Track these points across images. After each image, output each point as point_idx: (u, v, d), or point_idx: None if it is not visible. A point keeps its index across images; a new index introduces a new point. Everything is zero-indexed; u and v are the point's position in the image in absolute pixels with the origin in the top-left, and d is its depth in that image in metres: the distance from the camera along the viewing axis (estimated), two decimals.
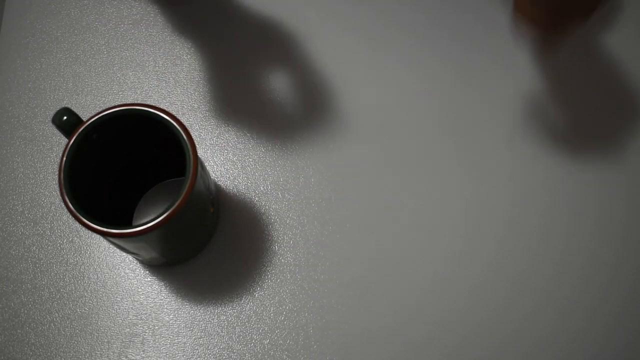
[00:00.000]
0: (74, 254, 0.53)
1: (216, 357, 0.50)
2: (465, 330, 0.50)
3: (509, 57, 0.57)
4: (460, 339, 0.50)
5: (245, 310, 0.51)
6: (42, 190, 0.54)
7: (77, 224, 0.53)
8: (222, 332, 0.50)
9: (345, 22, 0.58)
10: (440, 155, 0.54)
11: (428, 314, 0.51)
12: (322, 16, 0.59)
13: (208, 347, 0.50)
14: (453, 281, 0.51)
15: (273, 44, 0.58)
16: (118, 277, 0.52)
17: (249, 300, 0.51)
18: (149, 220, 0.42)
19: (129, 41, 0.58)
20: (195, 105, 0.56)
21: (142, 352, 0.50)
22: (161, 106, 0.56)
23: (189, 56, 0.58)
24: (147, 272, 0.52)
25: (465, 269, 0.52)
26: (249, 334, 0.50)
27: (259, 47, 0.58)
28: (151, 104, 0.54)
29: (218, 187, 0.54)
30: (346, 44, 0.58)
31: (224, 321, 0.51)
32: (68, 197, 0.42)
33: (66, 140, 0.55)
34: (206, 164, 0.55)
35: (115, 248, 0.53)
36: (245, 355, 0.50)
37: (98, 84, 0.57)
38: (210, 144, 0.55)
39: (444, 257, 0.52)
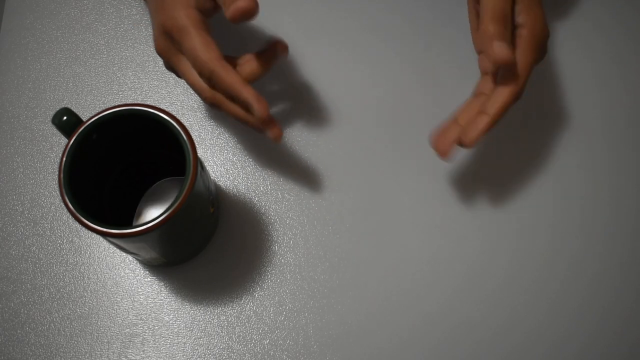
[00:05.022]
0: (74, 254, 0.53)
1: (216, 357, 0.50)
2: (466, 329, 0.50)
3: None
4: (461, 337, 0.50)
5: (245, 310, 0.51)
6: (42, 190, 0.54)
7: (77, 224, 0.53)
8: (222, 332, 0.50)
9: (344, 26, 0.58)
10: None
11: (429, 313, 0.51)
12: (321, 20, 0.59)
13: (208, 347, 0.50)
14: (455, 280, 0.51)
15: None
16: (118, 277, 0.52)
17: (249, 300, 0.51)
18: (149, 220, 0.42)
19: (129, 41, 0.58)
20: (195, 105, 0.56)
21: (142, 352, 0.50)
22: (161, 106, 0.56)
23: None
24: (147, 272, 0.52)
25: (468, 268, 0.52)
26: (249, 334, 0.50)
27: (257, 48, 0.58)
28: (151, 104, 0.54)
29: (218, 187, 0.54)
30: (346, 47, 0.58)
31: (224, 321, 0.51)
32: (68, 197, 0.42)
33: (66, 140, 0.55)
34: (206, 164, 0.55)
35: (115, 248, 0.52)
36: (245, 355, 0.50)
37: (98, 84, 0.57)
38: (210, 144, 0.55)
39: (444, 257, 0.52)
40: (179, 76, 0.48)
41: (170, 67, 0.48)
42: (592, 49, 0.57)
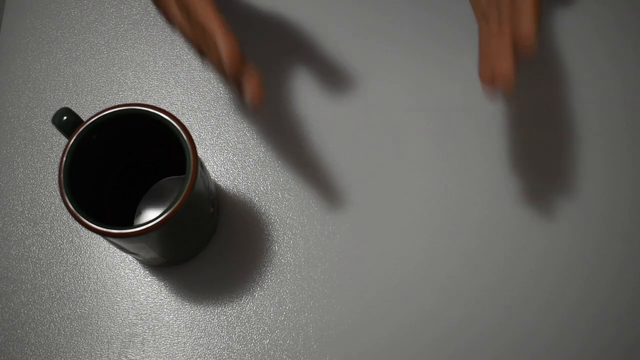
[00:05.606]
0: (74, 254, 0.53)
1: (216, 357, 0.50)
2: (467, 329, 0.50)
3: None
4: (462, 336, 0.50)
5: (245, 310, 0.51)
6: (42, 190, 0.54)
7: (77, 224, 0.53)
8: (222, 332, 0.50)
9: (344, 24, 0.58)
10: (440, 157, 0.54)
11: (429, 312, 0.51)
12: (321, 19, 0.59)
13: (208, 347, 0.50)
14: (455, 281, 0.51)
15: (271, 44, 0.58)
16: (118, 277, 0.52)
17: (249, 300, 0.51)
18: (149, 220, 0.42)
19: (129, 41, 0.58)
20: (195, 105, 0.56)
21: (142, 352, 0.50)
22: (161, 106, 0.56)
23: (189, 56, 0.58)
24: (147, 272, 0.52)
25: (467, 267, 0.52)
26: (249, 334, 0.50)
27: (258, 48, 0.58)
28: (151, 104, 0.54)
29: (218, 187, 0.54)
30: (346, 45, 0.58)
31: (224, 321, 0.51)
32: (68, 197, 0.42)
33: (66, 140, 0.55)
34: (206, 164, 0.55)
35: (115, 248, 0.53)
36: (245, 355, 0.50)
37: (98, 84, 0.57)
38: (210, 144, 0.55)
39: (444, 257, 0.52)
40: (168, 18, 0.42)
41: (161, 8, 0.42)
42: (591, 48, 0.57)
